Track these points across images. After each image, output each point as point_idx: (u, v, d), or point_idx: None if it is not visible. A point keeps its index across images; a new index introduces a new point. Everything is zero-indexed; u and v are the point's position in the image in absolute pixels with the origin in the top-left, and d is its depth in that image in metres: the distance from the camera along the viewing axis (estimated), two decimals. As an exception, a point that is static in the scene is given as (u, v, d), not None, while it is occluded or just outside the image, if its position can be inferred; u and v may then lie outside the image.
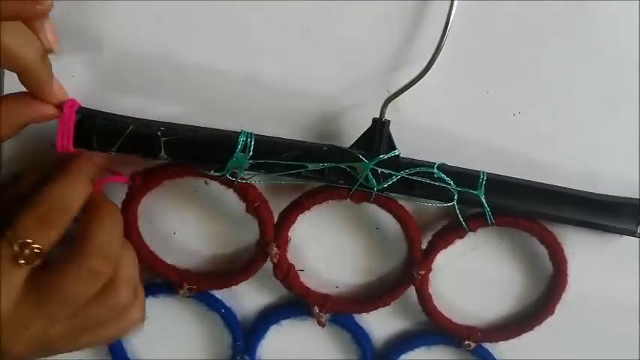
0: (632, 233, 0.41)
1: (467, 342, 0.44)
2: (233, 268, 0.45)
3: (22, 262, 0.34)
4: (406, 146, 0.40)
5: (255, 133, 0.38)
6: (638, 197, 0.42)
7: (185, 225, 0.45)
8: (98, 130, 0.38)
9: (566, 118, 0.41)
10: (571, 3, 0.39)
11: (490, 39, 0.40)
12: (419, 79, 0.39)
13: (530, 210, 0.41)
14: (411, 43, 0.40)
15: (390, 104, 0.39)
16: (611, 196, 0.42)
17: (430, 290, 0.43)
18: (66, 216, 0.35)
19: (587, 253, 0.44)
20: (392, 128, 0.39)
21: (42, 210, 0.35)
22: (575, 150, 0.42)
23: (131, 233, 0.42)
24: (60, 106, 0.37)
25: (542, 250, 0.43)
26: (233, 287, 0.45)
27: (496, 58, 0.41)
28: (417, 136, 0.41)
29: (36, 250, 0.34)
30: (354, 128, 0.40)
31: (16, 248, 0.34)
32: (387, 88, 0.40)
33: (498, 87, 0.41)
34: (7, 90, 0.38)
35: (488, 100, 0.41)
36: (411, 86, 0.39)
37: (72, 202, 0.36)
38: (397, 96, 0.39)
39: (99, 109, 0.39)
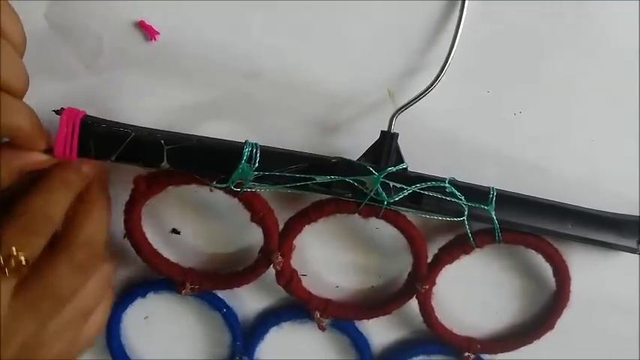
0: (633, 251, 0.41)
1: (466, 354, 0.44)
2: (237, 269, 0.44)
3: (8, 273, 0.34)
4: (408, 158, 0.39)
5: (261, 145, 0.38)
6: (638, 214, 0.42)
7: (189, 224, 0.45)
8: (97, 138, 0.37)
9: (566, 118, 0.41)
10: (571, 3, 0.39)
11: (492, 43, 0.40)
12: (427, 92, 0.38)
13: (536, 226, 0.40)
14: (419, 54, 0.40)
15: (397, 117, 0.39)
16: (614, 213, 0.41)
17: (433, 303, 0.43)
18: (49, 225, 0.36)
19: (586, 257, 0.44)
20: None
21: (24, 220, 0.35)
22: (574, 150, 0.42)
23: (135, 233, 0.42)
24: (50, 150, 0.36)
25: (545, 265, 0.43)
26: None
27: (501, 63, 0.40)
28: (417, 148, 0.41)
29: (21, 260, 0.34)
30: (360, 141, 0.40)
31: (0, 261, 0.34)
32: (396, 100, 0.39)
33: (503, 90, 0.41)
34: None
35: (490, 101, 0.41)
36: (419, 99, 0.38)
37: (55, 210, 0.36)
38: (406, 109, 0.38)
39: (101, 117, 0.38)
